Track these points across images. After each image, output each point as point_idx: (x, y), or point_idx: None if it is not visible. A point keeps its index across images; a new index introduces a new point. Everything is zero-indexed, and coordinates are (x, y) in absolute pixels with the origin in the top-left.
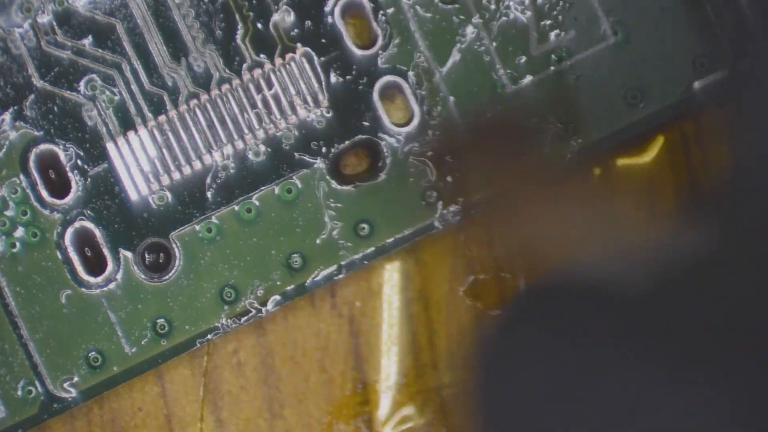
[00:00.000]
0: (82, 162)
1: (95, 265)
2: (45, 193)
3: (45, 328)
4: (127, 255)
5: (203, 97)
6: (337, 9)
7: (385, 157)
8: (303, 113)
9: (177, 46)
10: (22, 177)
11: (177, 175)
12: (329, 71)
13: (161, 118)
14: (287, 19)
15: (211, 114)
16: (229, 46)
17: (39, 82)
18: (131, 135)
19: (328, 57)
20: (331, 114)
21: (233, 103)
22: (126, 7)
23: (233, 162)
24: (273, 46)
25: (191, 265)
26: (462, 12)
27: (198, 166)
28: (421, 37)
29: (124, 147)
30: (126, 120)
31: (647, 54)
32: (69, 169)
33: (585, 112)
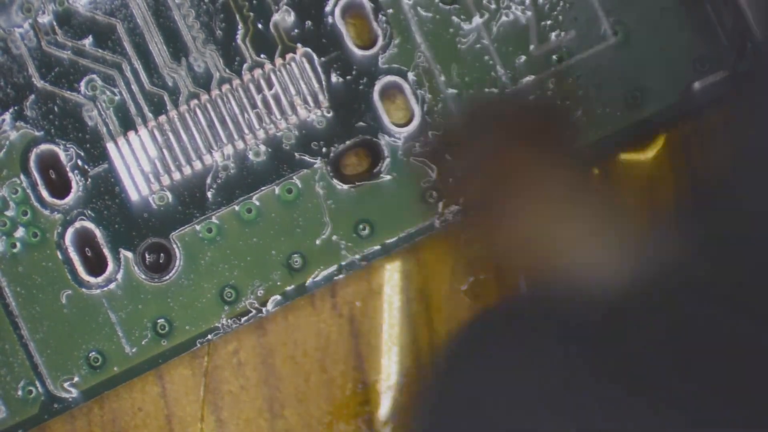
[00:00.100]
0: (82, 162)
1: (96, 266)
2: (45, 194)
3: (45, 328)
4: (128, 255)
5: (203, 97)
6: (338, 9)
7: (385, 157)
8: (303, 113)
9: (177, 46)
10: (22, 177)
11: (177, 175)
12: (329, 71)
13: (161, 118)
14: (287, 19)
15: (212, 114)
16: (230, 46)
17: (39, 82)
18: (132, 135)
19: (328, 57)
20: (332, 114)
21: (233, 103)
22: (126, 7)
23: (233, 162)
24: (273, 46)
25: (191, 266)
26: (462, 12)
27: (198, 166)
28: (422, 37)
29: (124, 147)
30: (126, 120)
31: (647, 54)
32: (69, 169)
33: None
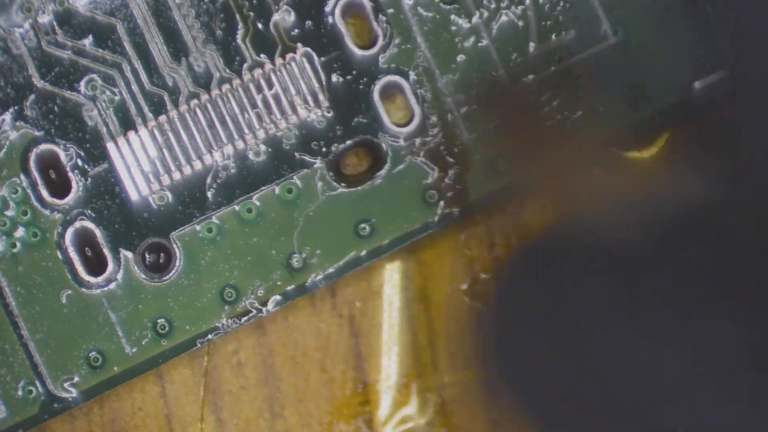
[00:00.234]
0: (82, 162)
1: (96, 265)
2: (45, 193)
3: (45, 328)
4: (128, 255)
5: (204, 97)
6: (338, 9)
7: (386, 157)
8: (303, 113)
9: (177, 46)
10: (22, 177)
11: (177, 175)
12: (330, 71)
13: (162, 118)
14: (288, 19)
15: (212, 114)
16: (230, 46)
17: (39, 82)
18: (132, 135)
19: (328, 57)
20: (332, 114)
21: (234, 103)
22: (126, 7)
23: (234, 162)
24: (273, 46)
25: (192, 265)
26: (462, 12)
27: (198, 166)
28: (422, 37)
29: (124, 147)
30: (126, 120)
31: (647, 54)
32: (69, 169)
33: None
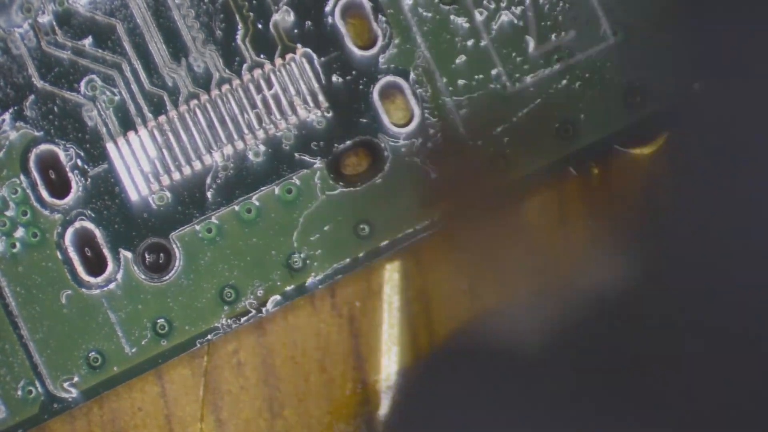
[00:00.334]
0: (82, 162)
1: (95, 266)
2: (45, 194)
3: (45, 328)
4: (127, 255)
5: (203, 98)
6: (338, 9)
7: (385, 157)
8: (303, 113)
9: (177, 46)
10: (22, 177)
11: (177, 176)
12: (329, 71)
13: (161, 118)
14: (287, 19)
15: (211, 114)
16: (229, 46)
17: (39, 82)
18: (131, 135)
19: (328, 57)
20: (331, 114)
21: (233, 104)
22: (126, 8)
23: (233, 162)
24: (273, 46)
25: (191, 266)
26: (462, 12)
27: (198, 166)
28: (422, 38)
29: (124, 147)
30: (126, 120)
31: (647, 54)
32: (69, 170)
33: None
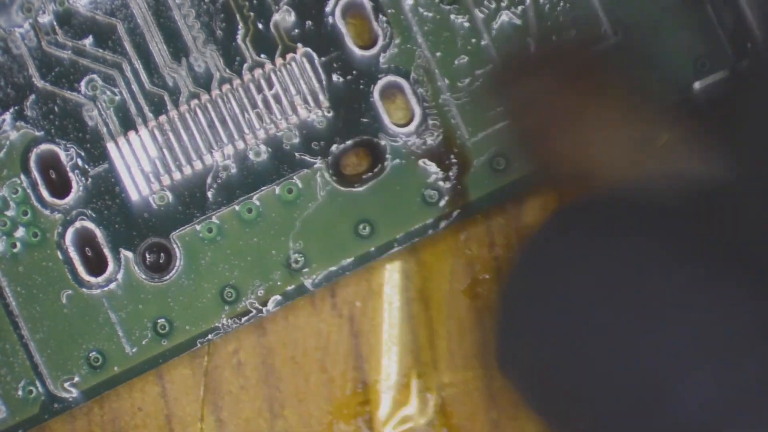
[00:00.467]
0: (82, 162)
1: (96, 265)
2: (46, 193)
3: (46, 328)
4: (128, 255)
5: (204, 97)
6: (338, 9)
7: (386, 157)
8: (303, 113)
9: (178, 46)
10: (22, 177)
11: (178, 175)
12: (330, 71)
13: (162, 118)
14: (288, 19)
15: (212, 114)
16: (230, 46)
17: (40, 82)
18: (132, 135)
19: (328, 57)
20: (332, 114)
21: (234, 103)
22: (127, 7)
23: (234, 162)
24: (274, 46)
25: (192, 265)
26: (462, 12)
27: (199, 166)
28: (422, 37)
29: (124, 147)
30: (127, 120)
31: (647, 54)
32: (70, 169)
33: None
